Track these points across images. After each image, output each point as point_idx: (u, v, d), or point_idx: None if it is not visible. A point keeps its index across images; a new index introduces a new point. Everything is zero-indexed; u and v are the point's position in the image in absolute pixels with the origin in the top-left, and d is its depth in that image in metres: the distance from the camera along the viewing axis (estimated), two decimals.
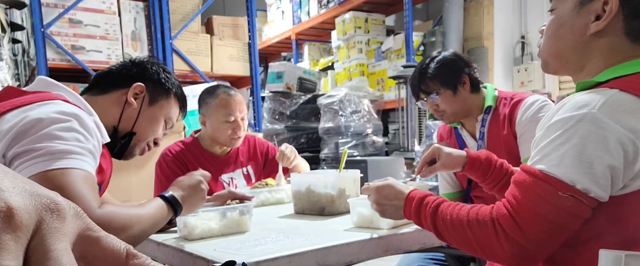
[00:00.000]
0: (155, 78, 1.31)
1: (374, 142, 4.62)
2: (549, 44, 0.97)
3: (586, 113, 0.80)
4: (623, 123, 0.78)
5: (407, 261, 1.77)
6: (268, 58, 7.55)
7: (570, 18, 0.93)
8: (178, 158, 1.96)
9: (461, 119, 1.76)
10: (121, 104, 1.25)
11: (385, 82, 4.87)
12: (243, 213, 1.27)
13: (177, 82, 1.37)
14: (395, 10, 5.43)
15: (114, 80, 1.27)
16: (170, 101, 1.34)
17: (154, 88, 1.30)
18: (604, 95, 0.81)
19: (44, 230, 0.29)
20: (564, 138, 0.82)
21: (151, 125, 1.31)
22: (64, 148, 0.97)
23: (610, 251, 0.65)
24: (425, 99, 1.72)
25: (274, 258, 0.97)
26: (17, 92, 1.11)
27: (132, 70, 1.29)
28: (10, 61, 3.51)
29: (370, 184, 1.17)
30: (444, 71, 1.66)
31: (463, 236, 0.92)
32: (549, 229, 0.82)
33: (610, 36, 0.89)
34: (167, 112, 1.34)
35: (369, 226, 1.23)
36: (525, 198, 0.84)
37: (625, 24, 0.88)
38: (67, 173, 0.95)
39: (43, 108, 1.02)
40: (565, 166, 0.80)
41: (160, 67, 1.35)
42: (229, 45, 4.06)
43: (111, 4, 3.51)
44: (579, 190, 0.79)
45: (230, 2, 7.15)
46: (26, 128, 0.98)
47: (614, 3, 0.86)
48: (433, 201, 1.01)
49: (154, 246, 1.23)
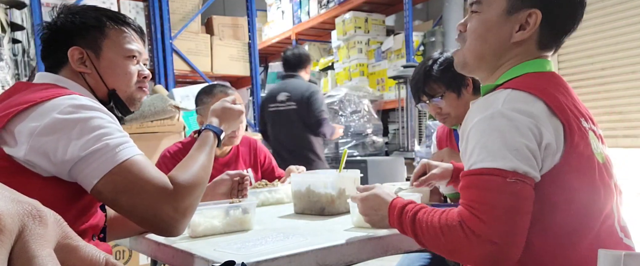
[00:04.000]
0: (78, 30, 1.15)
1: (374, 142, 4.63)
2: (475, 45, 1.04)
3: (494, 112, 0.92)
4: (522, 111, 0.90)
5: (407, 261, 1.77)
6: (268, 58, 7.55)
7: (498, 24, 1.00)
8: (176, 159, 1.96)
9: (462, 121, 1.74)
10: (79, 77, 1.16)
11: (385, 82, 4.88)
12: (246, 212, 1.28)
13: (99, 13, 1.18)
14: (395, 10, 5.43)
15: (54, 61, 1.17)
16: (111, 36, 1.17)
17: (87, 40, 1.15)
18: (502, 95, 0.95)
19: (26, 236, 0.29)
20: (486, 137, 0.91)
21: (117, 71, 1.18)
22: (118, 141, 1.00)
23: (609, 251, 0.66)
24: (428, 102, 1.68)
25: (274, 258, 0.97)
26: (26, 86, 1.10)
27: (55, 40, 1.16)
28: (10, 61, 3.50)
29: (356, 194, 1.19)
30: (448, 73, 1.61)
31: (438, 243, 0.95)
32: (511, 216, 0.87)
33: (526, 45, 1.01)
34: (118, 47, 1.18)
35: (369, 227, 1.23)
36: (479, 196, 0.89)
37: (539, 35, 1.00)
38: (134, 162, 1.00)
39: (65, 107, 0.99)
40: (500, 157, 0.89)
41: (70, 12, 1.17)
42: (229, 45, 4.07)
43: (111, 4, 3.51)
44: (521, 173, 0.88)
45: (230, 2, 7.15)
46: (66, 128, 0.97)
47: (538, 17, 0.96)
48: (412, 209, 1.03)
49: (154, 246, 1.23)
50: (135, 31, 1.22)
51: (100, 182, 0.98)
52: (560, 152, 0.91)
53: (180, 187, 1.03)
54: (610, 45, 3.51)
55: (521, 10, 0.98)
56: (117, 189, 0.98)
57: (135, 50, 1.21)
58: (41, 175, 0.98)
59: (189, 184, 1.04)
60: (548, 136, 0.90)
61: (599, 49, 3.57)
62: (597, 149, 0.97)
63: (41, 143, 0.96)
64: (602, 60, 3.57)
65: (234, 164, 2.06)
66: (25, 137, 0.96)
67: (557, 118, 0.92)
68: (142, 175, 0.99)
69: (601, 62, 3.58)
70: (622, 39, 3.44)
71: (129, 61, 1.20)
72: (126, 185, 0.98)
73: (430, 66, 1.66)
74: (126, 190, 0.98)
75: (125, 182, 0.98)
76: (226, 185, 1.52)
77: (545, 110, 0.92)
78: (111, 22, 1.18)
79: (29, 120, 0.97)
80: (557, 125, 0.92)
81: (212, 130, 1.25)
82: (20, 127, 0.97)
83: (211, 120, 1.29)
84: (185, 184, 1.04)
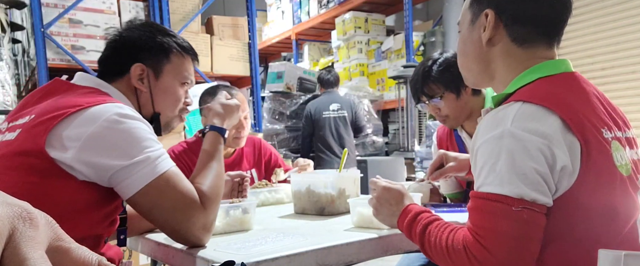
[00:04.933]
0: (148, 49, 1.19)
1: (374, 142, 4.63)
2: (460, 61, 1.11)
3: (503, 131, 0.88)
4: (534, 131, 0.87)
5: (407, 261, 1.77)
6: (268, 58, 7.55)
7: (469, 34, 1.06)
8: (180, 159, 1.96)
9: (462, 122, 1.74)
10: (133, 91, 1.20)
11: (385, 82, 4.88)
12: (246, 212, 1.28)
13: (170, 38, 1.22)
14: (395, 10, 5.44)
15: (112, 68, 1.20)
16: (173, 62, 1.22)
17: (152, 60, 1.19)
18: (512, 110, 0.90)
19: (17, 238, 0.29)
20: (494, 158, 0.89)
21: (169, 97, 1.23)
22: (157, 153, 1.04)
23: (609, 251, 0.66)
24: (427, 102, 1.68)
25: (274, 258, 0.97)
26: (67, 86, 1.12)
27: (123, 51, 1.19)
28: (10, 61, 3.51)
29: (380, 180, 1.18)
30: (447, 74, 1.61)
31: (444, 261, 0.94)
32: (515, 245, 0.85)
33: (501, 43, 1.01)
34: (177, 74, 1.23)
35: (369, 226, 1.23)
36: (484, 221, 0.88)
37: (507, 31, 1.00)
38: (171, 174, 1.04)
39: (111, 114, 1.01)
40: (507, 183, 0.86)
41: (147, 28, 1.22)
42: (229, 45, 4.07)
43: (111, 4, 3.51)
44: (528, 201, 0.85)
45: (230, 2, 7.16)
46: (112, 137, 0.99)
47: (490, 14, 1.00)
48: (425, 218, 1.02)
49: (154, 246, 1.23)
50: (194, 60, 1.28)
51: (138, 193, 1.01)
52: (577, 172, 0.87)
53: (207, 201, 1.08)
54: (610, 45, 3.51)
55: (480, 16, 1.03)
56: (153, 202, 1.03)
57: (190, 77, 1.26)
58: (77, 178, 0.99)
59: (214, 198, 1.10)
60: (562, 158, 0.86)
61: (599, 49, 3.57)
62: (621, 160, 0.93)
63: (88, 150, 0.98)
64: (602, 60, 3.57)
65: (238, 166, 2.06)
66: (73, 142, 0.97)
67: (572, 134, 0.87)
68: (176, 189, 1.04)
69: (601, 62, 3.58)
70: (622, 39, 3.44)
71: (181, 87, 1.25)
72: (161, 198, 1.03)
73: (430, 67, 1.65)
74: (161, 203, 1.03)
75: (161, 196, 1.03)
76: (226, 186, 1.52)
77: (559, 126, 0.87)
78: (178, 48, 1.23)
79: (76, 125, 0.99)
80: (572, 142, 0.87)
81: (215, 129, 1.27)
82: (67, 131, 0.98)
83: (212, 120, 1.30)
84: (211, 197, 1.09)
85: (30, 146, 0.97)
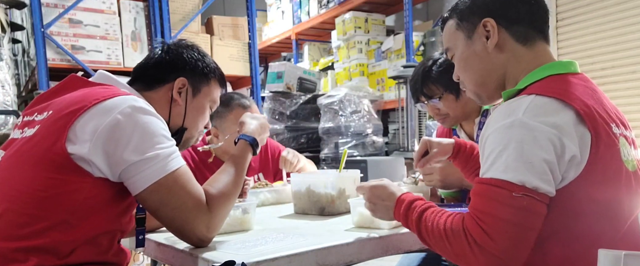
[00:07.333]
0: (194, 67, 1.28)
1: (374, 142, 4.62)
2: (469, 78, 1.11)
3: (514, 120, 0.90)
4: (545, 122, 0.88)
5: (407, 261, 1.77)
6: (268, 58, 7.55)
7: (469, 49, 1.08)
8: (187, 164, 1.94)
9: (461, 122, 1.74)
10: (167, 101, 1.25)
11: (385, 82, 4.87)
12: (246, 212, 1.28)
13: (213, 63, 1.34)
14: (395, 10, 5.43)
15: (154, 75, 1.26)
16: (211, 86, 1.33)
17: (194, 79, 1.28)
18: (525, 101, 0.92)
19: None
20: (502, 146, 0.90)
21: (199, 116, 1.32)
22: (169, 150, 1.06)
23: (609, 251, 0.66)
24: (426, 102, 1.68)
25: (274, 258, 0.98)
26: (83, 82, 1.13)
27: (170, 62, 1.27)
28: (10, 61, 3.50)
29: (363, 184, 1.19)
30: (447, 75, 1.56)
31: (442, 246, 0.95)
32: (515, 232, 0.86)
33: (507, 46, 1.04)
34: (211, 97, 1.33)
35: (369, 226, 1.24)
36: (486, 206, 0.88)
37: (509, 33, 1.04)
38: (180, 173, 1.06)
39: (125, 107, 1.03)
40: (512, 169, 0.87)
41: (195, 51, 1.32)
42: (229, 45, 4.07)
43: (111, 4, 3.51)
44: (530, 188, 0.86)
45: (230, 2, 7.15)
46: (126, 130, 1.00)
47: (491, 23, 1.03)
48: (420, 206, 1.03)
49: (154, 246, 1.23)
50: (222, 89, 1.39)
51: (147, 189, 1.02)
52: (585, 163, 0.89)
53: (213, 204, 1.09)
54: (610, 45, 3.51)
55: (477, 28, 1.05)
56: (161, 199, 1.04)
57: (217, 104, 1.38)
58: (93, 174, 1.01)
59: (221, 202, 1.11)
60: (572, 148, 0.88)
61: (599, 49, 3.57)
62: (627, 156, 0.95)
63: (102, 142, 0.99)
64: (602, 60, 3.57)
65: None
66: (88, 135, 0.99)
67: (584, 126, 0.89)
68: (185, 188, 1.06)
69: (601, 62, 3.58)
70: (622, 39, 3.44)
71: (209, 110, 1.35)
72: (169, 196, 1.04)
73: (429, 67, 1.65)
74: (168, 202, 1.04)
75: (169, 194, 1.04)
76: None
77: (573, 118, 0.89)
78: (217, 77, 1.34)
79: (90, 117, 1.01)
80: (583, 133, 0.89)
81: (249, 141, 1.30)
82: (82, 124, 1.00)
83: (250, 130, 1.34)
84: (218, 201, 1.11)
85: (50, 142, 0.99)
